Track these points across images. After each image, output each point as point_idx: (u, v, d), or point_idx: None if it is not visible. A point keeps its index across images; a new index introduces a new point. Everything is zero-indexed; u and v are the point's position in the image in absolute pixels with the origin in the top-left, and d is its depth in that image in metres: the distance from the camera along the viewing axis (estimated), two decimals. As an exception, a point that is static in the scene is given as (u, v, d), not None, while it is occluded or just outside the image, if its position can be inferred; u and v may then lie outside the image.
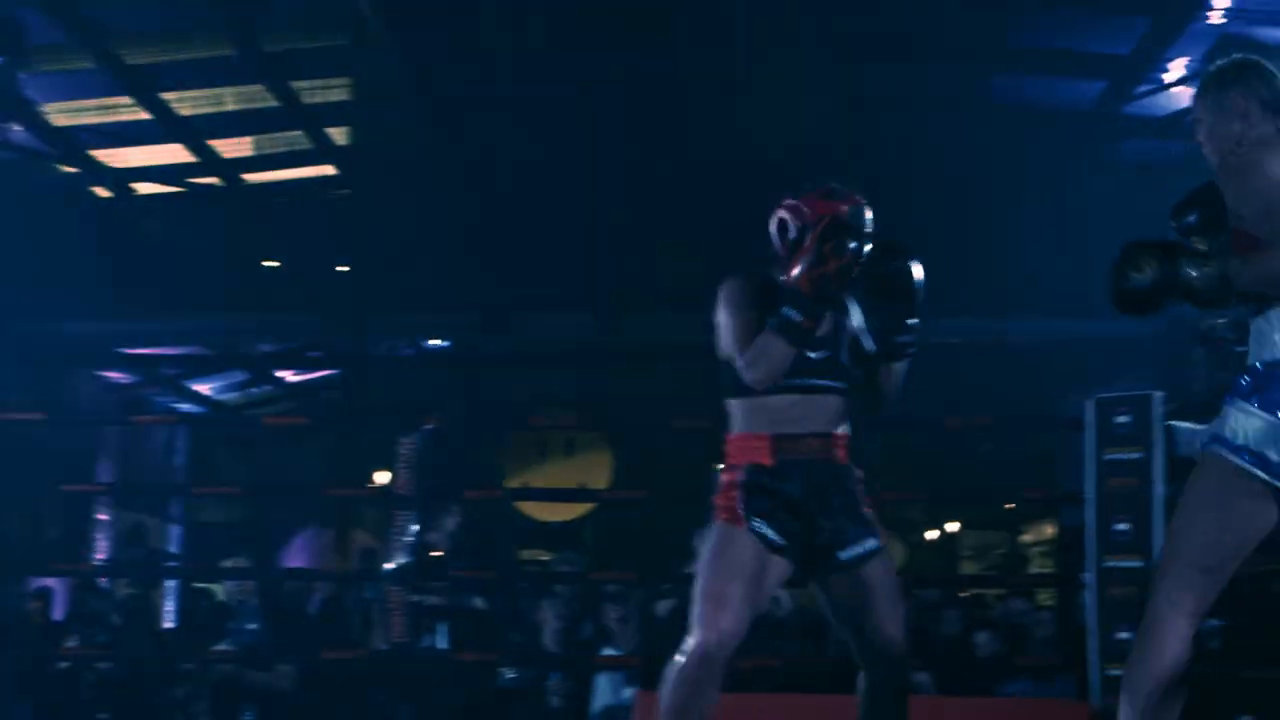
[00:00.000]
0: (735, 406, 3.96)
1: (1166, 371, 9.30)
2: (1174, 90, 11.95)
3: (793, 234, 3.96)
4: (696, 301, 13.92)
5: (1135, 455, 6.05)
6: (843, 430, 3.95)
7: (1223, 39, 10.82)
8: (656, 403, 12.65)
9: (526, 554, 14.76)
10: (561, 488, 13.35)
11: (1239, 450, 3.11)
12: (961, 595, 9.08)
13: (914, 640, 5.65)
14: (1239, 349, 5.70)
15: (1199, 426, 6.28)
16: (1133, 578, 5.98)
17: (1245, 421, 3.10)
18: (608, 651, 7.09)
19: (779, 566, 3.84)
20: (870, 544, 3.86)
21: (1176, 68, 11.79)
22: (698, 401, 12.65)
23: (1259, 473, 3.08)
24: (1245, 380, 3.17)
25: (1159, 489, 5.96)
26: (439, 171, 13.00)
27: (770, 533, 3.80)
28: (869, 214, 3.99)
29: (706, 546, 3.87)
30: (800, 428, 3.85)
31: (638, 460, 14.11)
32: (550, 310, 14.13)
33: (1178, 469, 6.02)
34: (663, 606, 6.95)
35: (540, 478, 14.45)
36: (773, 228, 4.06)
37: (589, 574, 7.29)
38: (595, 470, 14.57)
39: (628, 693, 6.73)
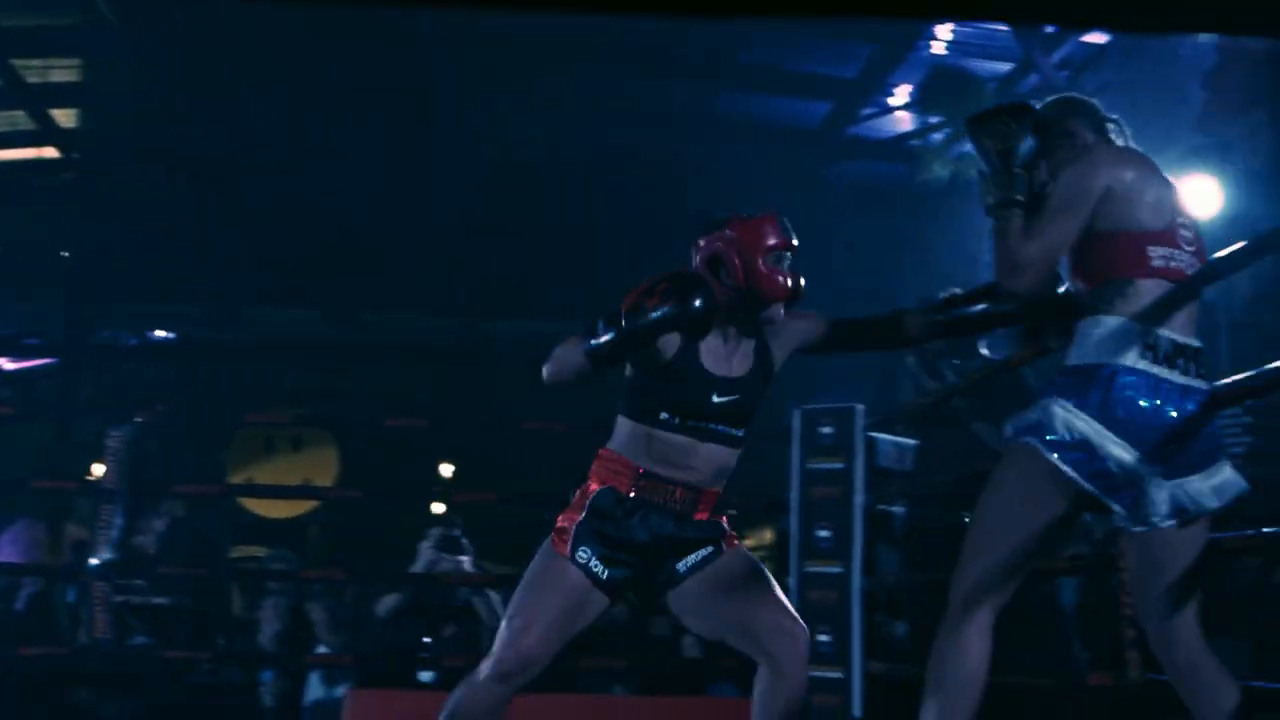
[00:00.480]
0: (622, 424, 3.77)
1: (875, 384, 9.64)
2: (897, 115, 12.41)
3: (729, 270, 3.70)
4: (429, 301, 13.96)
5: (837, 465, 6.25)
6: (718, 487, 3.76)
7: (936, 69, 11.30)
8: (384, 400, 12.62)
9: (248, 551, 14.49)
10: (280, 484, 13.15)
11: (1059, 448, 3.09)
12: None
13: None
14: (950, 360, 5.98)
15: (900, 439, 6.56)
16: (832, 582, 6.19)
17: (1068, 421, 3.07)
18: (321, 649, 7.06)
19: (601, 601, 3.69)
20: (706, 550, 3.72)
21: (899, 94, 12.23)
22: (423, 401, 12.64)
23: (1074, 474, 3.08)
24: (1063, 380, 3.17)
25: (859, 498, 6.15)
26: (169, 159, 12.72)
27: (598, 568, 3.66)
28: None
29: (531, 566, 3.73)
30: (673, 473, 3.68)
31: (364, 458, 14.01)
32: (280, 305, 13.97)
33: (877, 479, 6.27)
34: (385, 605, 6.92)
35: (266, 473, 14.23)
36: (700, 261, 3.79)
37: (299, 572, 7.19)
38: (321, 467, 14.41)
39: (340, 690, 6.71)
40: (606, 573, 3.66)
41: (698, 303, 3.53)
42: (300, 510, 14.42)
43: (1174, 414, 3.07)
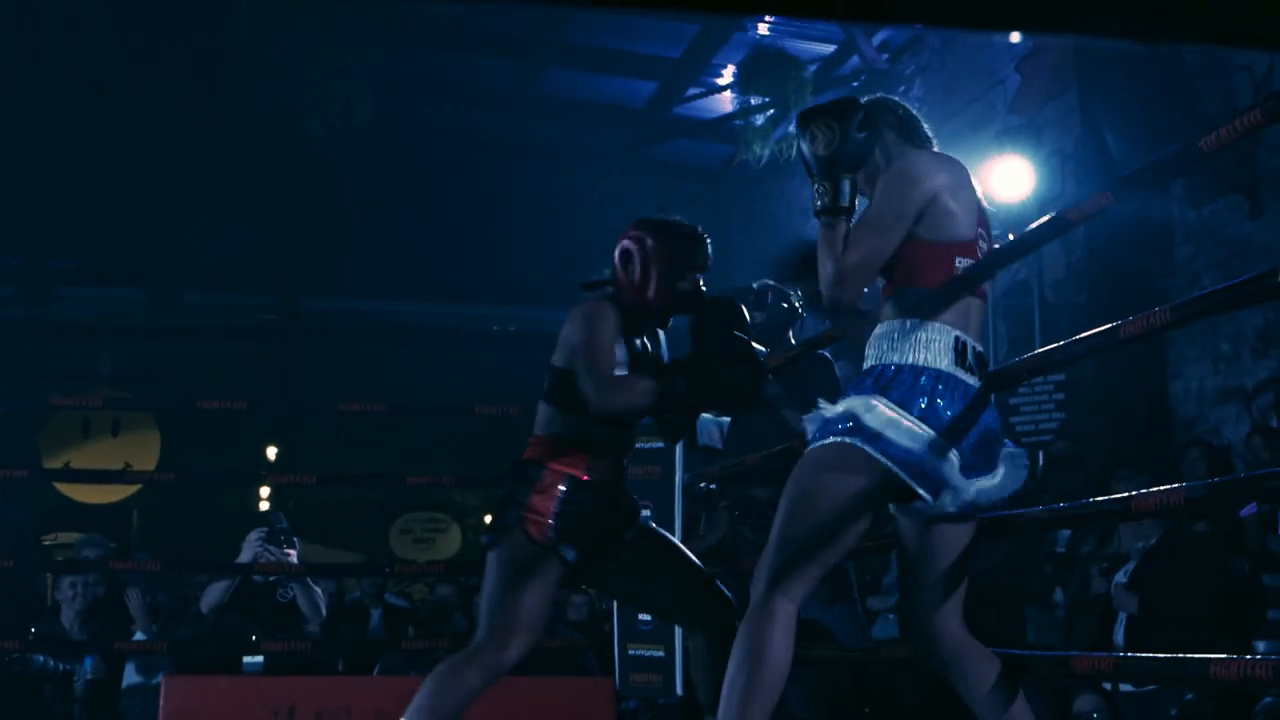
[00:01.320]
0: (554, 414, 3.97)
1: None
2: (722, 95, 12.50)
3: (637, 266, 3.99)
4: (250, 282, 13.70)
5: (657, 444, 6.28)
6: (630, 444, 4.10)
7: (758, 49, 11.40)
8: (207, 383, 12.40)
9: (66, 537, 14.15)
10: (95, 469, 12.84)
11: (882, 444, 3.13)
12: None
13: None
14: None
15: (720, 418, 6.61)
16: None
17: (888, 418, 3.13)
18: (138, 636, 6.92)
19: (560, 577, 3.92)
20: (635, 528, 4.01)
21: (726, 74, 12.31)
22: (239, 382, 12.43)
23: (896, 469, 3.12)
24: (876, 379, 3.22)
25: (678, 476, 6.19)
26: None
27: (571, 554, 3.86)
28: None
29: (500, 554, 3.87)
30: (612, 455, 3.98)
31: (187, 441, 13.77)
32: (98, 284, 13.65)
33: (695, 459, 6.32)
34: (209, 599, 6.80)
35: (84, 458, 13.88)
36: (617, 258, 4.06)
37: (110, 562, 7.02)
38: (142, 451, 14.12)
39: (157, 677, 6.58)
40: (574, 556, 3.88)
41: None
42: (121, 495, 14.11)
43: (975, 416, 3.22)
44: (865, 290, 3.32)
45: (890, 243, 3.23)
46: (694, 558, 4.05)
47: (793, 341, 6.18)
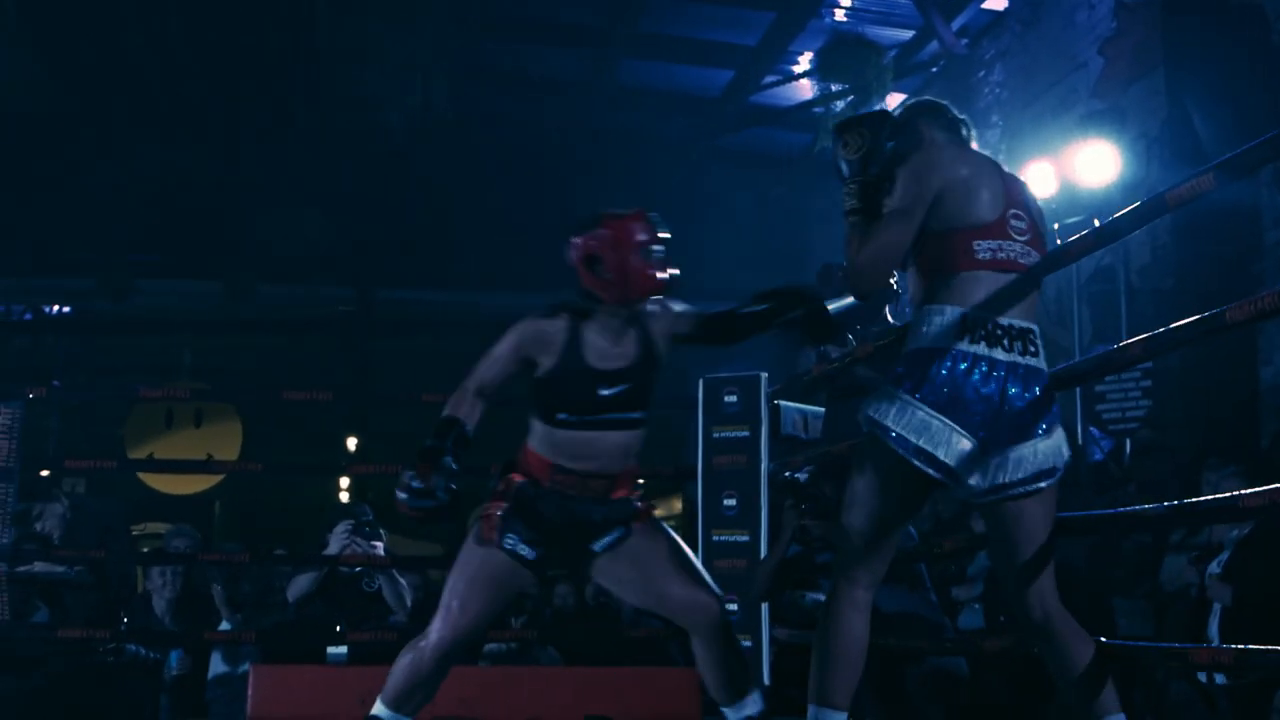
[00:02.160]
0: (533, 423, 4.04)
1: (776, 353, 9.67)
2: (800, 83, 12.44)
3: (606, 266, 3.93)
4: (328, 274, 13.78)
5: (742, 433, 6.25)
6: (630, 464, 4.04)
7: (836, 35, 11.33)
8: (285, 374, 12.50)
9: (151, 527, 14.32)
10: (180, 459, 12.98)
11: (899, 437, 3.29)
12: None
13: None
14: (852, 326, 5.98)
15: (805, 407, 6.58)
16: (739, 550, 6.20)
17: (904, 412, 3.29)
18: (224, 627, 6.98)
19: (525, 577, 4.03)
20: (617, 532, 4.01)
21: (803, 61, 12.24)
22: (316, 374, 12.50)
23: (917, 463, 3.29)
24: (900, 368, 3.38)
25: (764, 465, 6.17)
26: (58, 125, 12.49)
27: (523, 550, 3.96)
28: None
29: (463, 549, 4.05)
30: (581, 465, 3.95)
31: (268, 432, 13.88)
32: (177, 277, 13.78)
33: (781, 447, 6.29)
34: (296, 588, 6.84)
35: (167, 449, 14.04)
36: (580, 266, 3.99)
37: (198, 555, 7.10)
38: (224, 442, 14.26)
39: (244, 666, 6.64)
40: (533, 554, 3.97)
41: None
42: (203, 486, 14.26)
43: (1000, 390, 3.29)
44: (891, 282, 3.50)
45: (902, 234, 3.37)
46: (689, 559, 4.04)
47: (891, 322, 6.10)
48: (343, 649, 6.53)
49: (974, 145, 3.69)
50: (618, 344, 3.96)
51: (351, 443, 14.97)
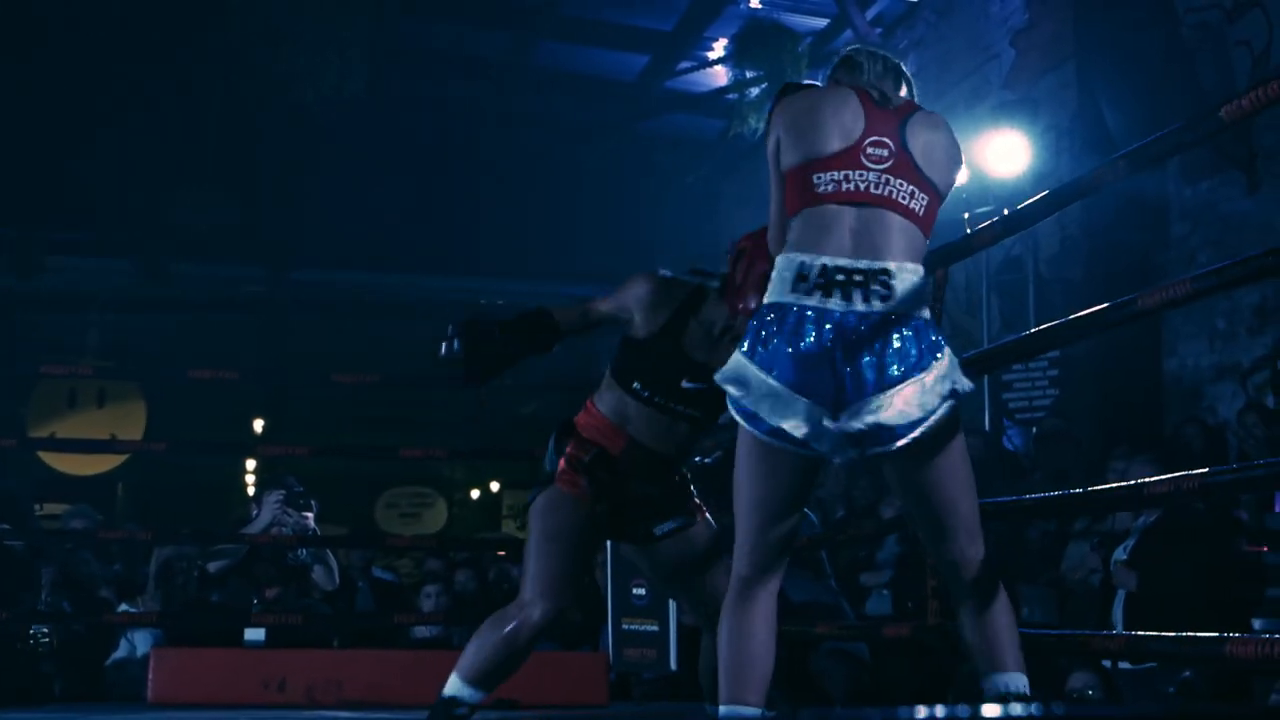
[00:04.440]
0: (609, 387, 3.91)
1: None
2: (715, 69, 12.45)
3: (742, 267, 3.71)
4: (240, 253, 13.57)
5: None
6: (684, 456, 3.98)
7: (752, 22, 11.35)
8: (195, 355, 12.35)
9: (52, 509, 14.10)
10: (82, 439, 12.80)
11: (747, 417, 3.01)
12: (501, 554, 9.17)
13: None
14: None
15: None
16: (648, 640, 6.15)
17: (749, 382, 3.00)
18: (124, 608, 6.88)
19: (598, 542, 4.00)
20: (680, 520, 3.92)
21: (718, 48, 12.26)
22: (228, 355, 12.39)
23: (770, 440, 3.01)
24: (748, 332, 3.09)
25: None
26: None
27: (602, 511, 3.85)
28: None
29: (538, 518, 3.88)
30: (649, 443, 3.85)
31: (174, 414, 13.71)
32: (86, 255, 13.58)
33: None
34: (215, 564, 6.74)
35: (69, 428, 13.83)
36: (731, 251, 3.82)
37: (98, 532, 6.98)
38: (128, 422, 14.07)
39: (143, 648, 6.55)
40: (606, 517, 3.88)
41: None
42: (106, 466, 14.08)
43: (836, 344, 2.97)
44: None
45: (775, 190, 3.17)
46: (725, 557, 3.78)
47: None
48: (260, 631, 6.43)
49: (894, 85, 3.30)
50: (714, 345, 3.80)
51: (259, 425, 14.84)
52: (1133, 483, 3.37)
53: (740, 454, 3.11)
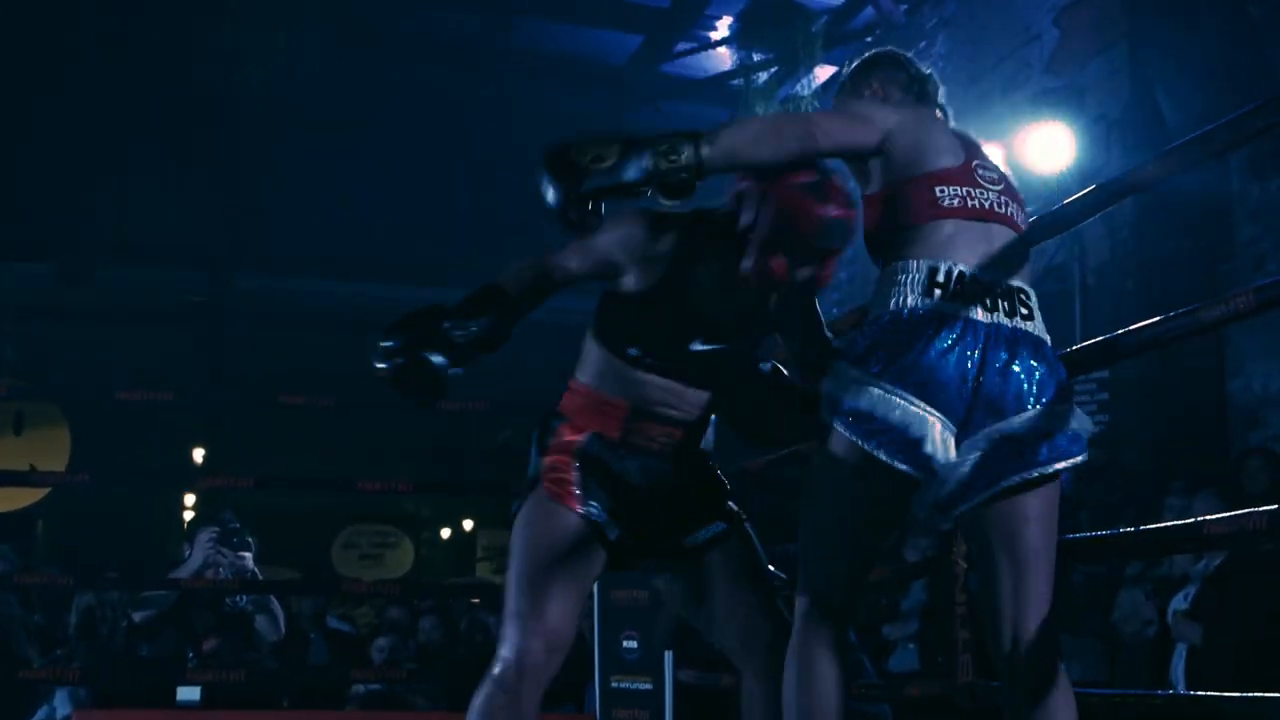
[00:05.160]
0: (591, 349, 3.58)
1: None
2: (718, 51, 12.45)
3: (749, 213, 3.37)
4: (177, 257, 13.54)
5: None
6: (707, 417, 3.58)
7: (758, -1, 11.35)
8: (125, 374, 12.32)
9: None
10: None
11: (852, 421, 2.98)
12: (475, 602, 9.14)
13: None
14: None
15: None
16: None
17: (870, 398, 2.96)
18: (43, 663, 6.85)
19: (601, 561, 3.47)
20: (714, 527, 3.51)
21: (722, 27, 12.25)
22: (163, 372, 12.33)
23: (895, 462, 2.95)
24: (862, 341, 3.05)
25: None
26: None
27: (612, 531, 3.43)
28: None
29: (528, 526, 3.45)
30: (664, 411, 3.49)
31: (102, 440, 13.68)
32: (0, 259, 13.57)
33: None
34: (141, 613, 6.71)
35: (-19, 457, 13.80)
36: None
37: (14, 576, 6.94)
38: (50, 451, 14.03)
39: (63, 709, 6.52)
40: (615, 532, 3.43)
41: None
42: (25, 502, 14.03)
43: (980, 360, 2.97)
44: None
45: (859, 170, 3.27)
46: (764, 581, 3.61)
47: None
48: (195, 690, 6.37)
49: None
50: (727, 297, 3.47)
51: (199, 454, 14.80)
52: (1192, 521, 3.32)
53: (829, 463, 3.06)
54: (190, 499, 14.64)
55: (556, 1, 12.10)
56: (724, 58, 12.33)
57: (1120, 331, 3.34)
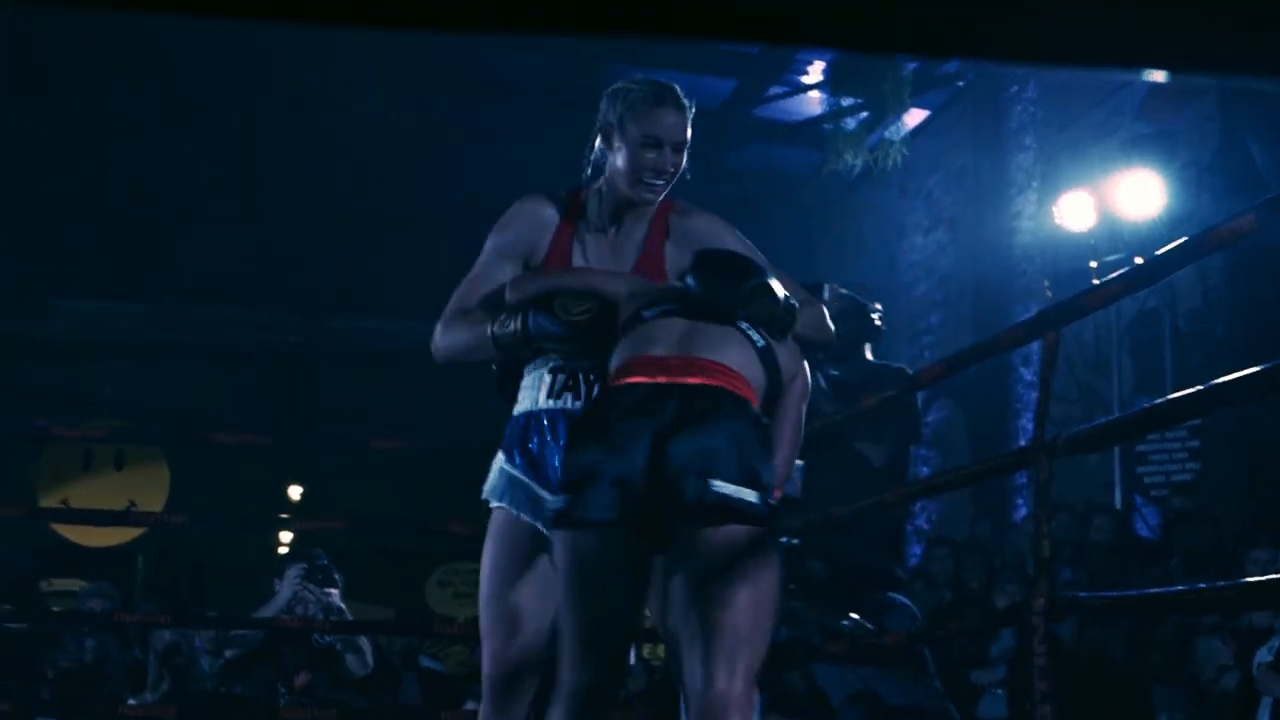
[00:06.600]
0: None
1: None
2: (809, 96, 12.45)
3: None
4: (271, 298, 13.64)
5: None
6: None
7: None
8: (220, 410, 12.45)
9: (64, 584, 14.21)
10: (95, 510, 12.91)
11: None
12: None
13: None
14: (825, 366, 5.97)
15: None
16: None
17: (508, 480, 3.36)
18: (133, 701, 6.91)
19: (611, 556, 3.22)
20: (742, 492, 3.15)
21: (813, 72, 12.25)
22: (258, 411, 12.44)
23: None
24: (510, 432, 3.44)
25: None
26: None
27: (585, 511, 3.09)
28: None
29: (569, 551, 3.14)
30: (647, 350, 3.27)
31: (200, 477, 13.80)
32: (97, 298, 13.72)
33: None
34: (231, 649, 6.77)
35: (84, 494, 13.94)
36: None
37: (115, 614, 7.01)
38: (150, 488, 14.17)
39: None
40: (597, 514, 3.20)
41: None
42: (125, 538, 14.15)
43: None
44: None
45: None
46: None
47: (870, 359, 6.09)
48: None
49: None
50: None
51: (295, 492, 14.89)
52: (1270, 577, 3.30)
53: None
54: (286, 535, 14.76)
55: (650, 48, 12.14)
56: (815, 102, 12.33)
57: (1216, 381, 3.32)
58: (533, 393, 3.40)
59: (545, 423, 3.34)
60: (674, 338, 3.17)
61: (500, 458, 3.42)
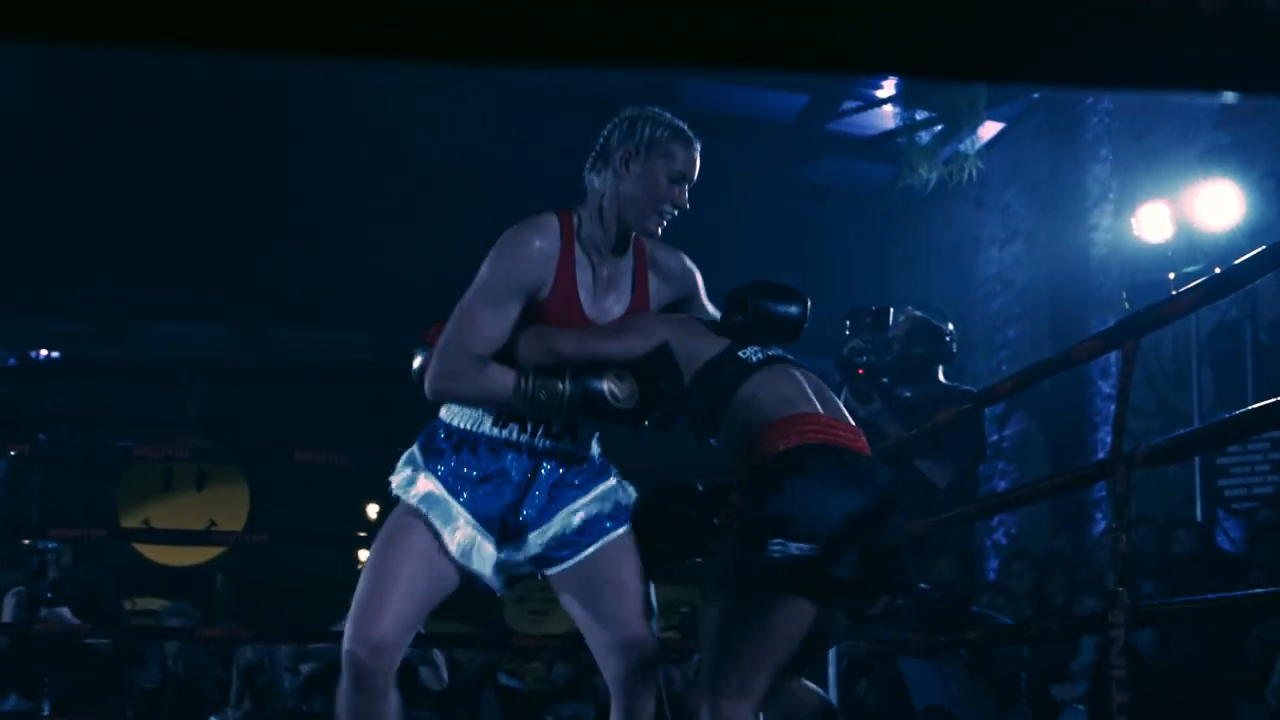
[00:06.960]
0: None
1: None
2: (882, 110, 12.43)
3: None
4: (350, 318, 13.72)
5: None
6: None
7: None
8: (300, 429, 12.53)
9: (145, 603, 14.34)
10: (176, 529, 13.03)
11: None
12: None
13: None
14: (880, 380, 5.96)
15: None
16: None
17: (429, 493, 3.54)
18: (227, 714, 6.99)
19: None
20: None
21: (886, 86, 12.22)
22: (336, 430, 12.52)
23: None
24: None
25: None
26: (54, 146, 12.60)
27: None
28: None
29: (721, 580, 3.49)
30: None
31: (280, 496, 13.90)
32: (180, 319, 13.84)
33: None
34: (307, 666, 6.84)
35: (165, 513, 14.06)
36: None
37: (196, 630, 7.08)
38: (229, 507, 14.27)
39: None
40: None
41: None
42: (205, 557, 14.27)
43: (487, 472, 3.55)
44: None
45: None
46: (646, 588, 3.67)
47: (942, 381, 6.08)
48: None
49: None
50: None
51: (373, 510, 14.96)
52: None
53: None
54: (364, 554, 14.81)
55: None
56: (888, 116, 12.30)
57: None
58: (476, 413, 3.59)
59: (484, 448, 3.58)
60: (804, 392, 3.32)
61: (418, 455, 3.71)
